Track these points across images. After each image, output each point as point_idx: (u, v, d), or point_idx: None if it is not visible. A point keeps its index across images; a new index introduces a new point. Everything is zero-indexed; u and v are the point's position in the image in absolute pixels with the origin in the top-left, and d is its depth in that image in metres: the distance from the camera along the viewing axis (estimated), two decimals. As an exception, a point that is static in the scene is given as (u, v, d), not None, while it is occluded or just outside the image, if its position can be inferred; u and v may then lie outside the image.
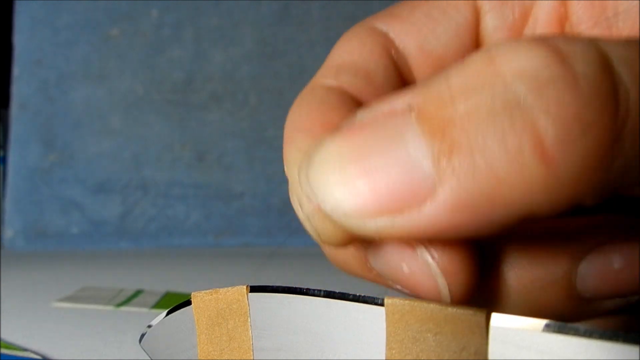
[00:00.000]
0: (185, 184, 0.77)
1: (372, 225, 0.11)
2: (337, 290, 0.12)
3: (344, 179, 0.12)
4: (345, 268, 0.15)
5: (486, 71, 0.11)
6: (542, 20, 0.17)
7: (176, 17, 0.78)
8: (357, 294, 0.11)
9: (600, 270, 0.15)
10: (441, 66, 0.18)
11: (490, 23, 0.18)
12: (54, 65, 0.76)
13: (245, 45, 0.79)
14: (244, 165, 0.78)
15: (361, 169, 0.11)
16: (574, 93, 0.11)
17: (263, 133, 0.79)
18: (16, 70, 0.76)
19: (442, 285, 0.12)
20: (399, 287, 0.13)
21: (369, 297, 0.11)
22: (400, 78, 0.18)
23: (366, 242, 0.13)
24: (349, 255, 0.15)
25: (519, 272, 0.15)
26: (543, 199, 0.11)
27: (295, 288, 0.12)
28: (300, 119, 0.16)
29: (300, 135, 0.15)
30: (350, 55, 0.17)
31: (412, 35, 0.17)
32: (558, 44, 0.11)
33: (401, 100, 0.12)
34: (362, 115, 0.12)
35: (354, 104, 0.16)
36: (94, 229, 0.75)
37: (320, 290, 0.12)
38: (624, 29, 0.16)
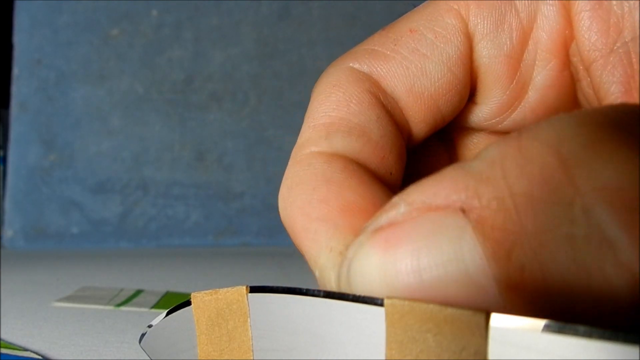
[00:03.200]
0: (185, 184, 0.77)
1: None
2: (336, 291, 0.12)
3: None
4: None
5: (558, 179, 0.09)
6: (544, 44, 0.16)
7: (176, 17, 0.78)
8: (357, 294, 0.11)
9: None
10: (436, 107, 0.16)
11: (485, 52, 0.16)
12: (54, 65, 0.76)
13: (245, 45, 0.79)
14: (244, 165, 0.78)
15: (414, 283, 0.10)
16: None
17: (263, 133, 0.79)
18: (16, 70, 0.76)
19: None
20: None
21: (368, 297, 0.11)
22: (395, 126, 0.16)
23: None
24: None
25: None
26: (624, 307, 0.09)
27: (295, 288, 0.12)
28: (312, 206, 0.14)
29: (322, 227, 0.13)
30: (338, 110, 0.15)
31: (400, 76, 0.16)
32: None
33: (451, 197, 0.10)
34: (405, 208, 0.11)
35: (360, 170, 0.14)
36: (94, 229, 0.75)
37: (320, 291, 0.12)
38: None
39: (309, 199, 0.14)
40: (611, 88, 0.14)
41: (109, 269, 0.53)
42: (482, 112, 0.17)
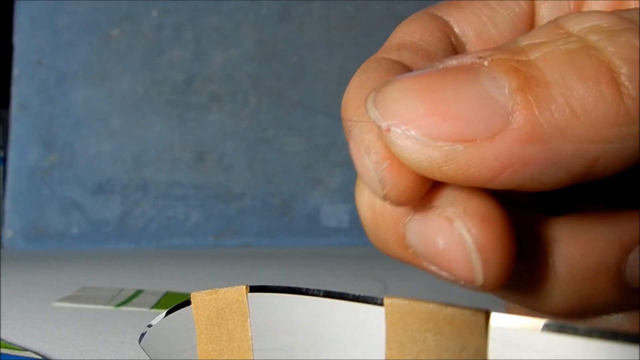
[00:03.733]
0: (185, 184, 0.77)
1: (441, 152, 0.12)
2: (336, 290, 0.12)
3: (416, 107, 0.12)
4: (384, 247, 0.15)
5: (557, 32, 0.12)
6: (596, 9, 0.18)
7: (176, 17, 0.78)
8: (357, 294, 0.11)
9: None
10: None
11: (547, 14, 0.18)
12: (54, 66, 0.76)
13: (246, 45, 0.79)
14: (244, 165, 0.78)
15: (433, 99, 0.12)
16: None
17: (263, 133, 0.79)
18: (16, 71, 0.76)
19: (476, 263, 0.12)
20: (434, 268, 0.13)
21: (368, 297, 0.11)
22: None
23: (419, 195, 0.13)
24: (388, 233, 0.15)
25: (569, 261, 0.15)
26: (614, 133, 0.11)
27: (295, 288, 0.12)
28: (368, 80, 0.15)
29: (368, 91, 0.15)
30: (411, 36, 0.17)
31: (471, 22, 0.18)
32: (620, 14, 0.12)
33: (469, 56, 0.12)
34: (431, 66, 0.13)
35: None
36: (94, 229, 0.75)
37: (319, 290, 0.12)
38: None
39: (368, 77, 0.15)
40: None
41: (109, 269, 0.53)
42: None
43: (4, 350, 0.24)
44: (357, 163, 0.14)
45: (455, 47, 0.18)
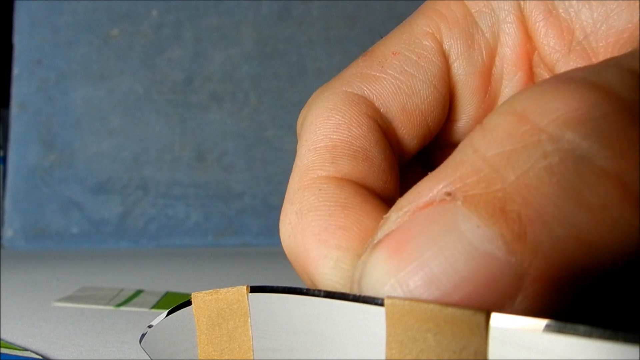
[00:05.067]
0: (185, 184, 0.77)
1: None
2: (336, 291, 0.12)
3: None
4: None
5: (521, 131, 0.10)
6: (509, 59, 0.17)
7: (176, 17, 0.78)
8: (357, 294, 0.11)
9: None
10: (425, 123, 0.17)
11: (461, 69, 0.17)
12: (54, 65, 0.76)
13: (245, 45, 0.79)
14: (244, 165, 0.78)
15: (424, 283, 0.10)
16: (637, 123, 0.09)
17: (263, 133, 0.79)
18: (16, 70, 0.76)
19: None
20: None
21: (368, 297, 0.11)
22: (390, 147, 0.16)
23: None
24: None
25: None
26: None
27: (295, 288, 0.12)
28: (330, 233, 0.13)
29: (345, 256, 0.13)
30: (339, 133, 0.15)
31: (392, 95, 0.16)
32: (586, 78, 0.10)
33: (434, 189, 0.10)
34: (396, 215, 0.11)
35: (370, 195, 0.14)
36: (94, 229, 0.75)
37: (320, 291, 0.12)
38: (599, 47, 0.15)
39: (326, 226, 0.13)
40: None
41: (109, 269, 0.53)
42: (459, 127, 0.18)
43: (4, 350, 0.24)
44: None
45: (384, 130, 0.16)
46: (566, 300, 0.10)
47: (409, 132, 0.17)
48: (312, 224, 0.14)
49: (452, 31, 0.17)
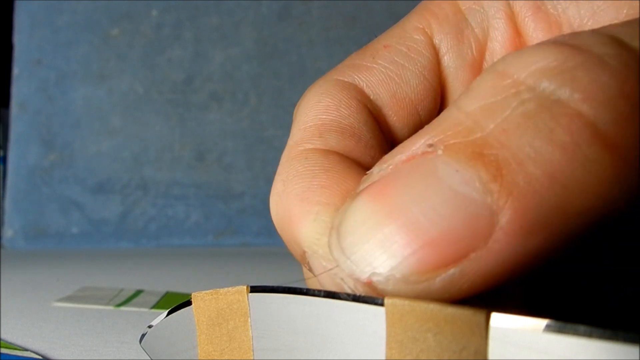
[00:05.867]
0: (185, 184, 0.77)
1: (438, 283, 0.10)
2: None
3: (389, 243, 0.10)
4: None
5: (502, 85, 0.10)
6: (499, 53, 0.17)
7: (176, 17, 0.78)
8: (357, 294, 0.11)
9: None
10: (415, 111, 0.17)
11: (451, 63, 0.17)
12: (54, 65, 0.76)
13: (245, 45, 0.79)
14: (244, 165, 0.78)
15: (404, 225, 0.10)
16: (608, 72, 0.10)
17: (263, 133, 0.79)
18: (16, 70, 0.76)
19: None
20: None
21: (369, 297, 0.11)
22: (380, 130, 0.17)
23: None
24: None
25: None
26: (617, 190, 0.10)
27: (296, 288, 0.12)
28: (312, 191, 0.14)
29: (325, 210, 0.13)
30: (327, 113, 0.16)
31: (383, 83, 0.17)
32: (565, 41, 0.11)
33: (417, 143, 0.11)
34: (379, 169, 0.11)
35: (355, 164, 0.15)
36: (94, 229, 0.75)
37: (320, 291, 0.12)
38: None
39: (309, 186, 0.14)
40: None
41: (109, 269, 0.53)
42: None
43: (4, 350, 0.24)
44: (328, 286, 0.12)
45: (373, 114, 0.17)
46: (544, 249, 0.10)
47: (400, 119, 0.17)
48: (296, 187, 0.14)
49: (442, 26, 0.17)
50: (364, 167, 0.15)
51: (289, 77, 0.79)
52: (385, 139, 0.17)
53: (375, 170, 0.11)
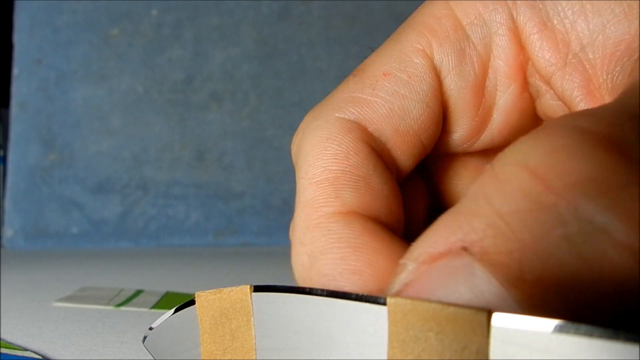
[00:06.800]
0: (185, 183, 0.77)
1: None
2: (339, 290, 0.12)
3: None
4: None
5: (536, 190, 0.10)
6: (502, 71, 0.17)
7: (176, 17, 0.78)
8: (360, 293, 0.11)
9: None
10: (419, 142, 0.17)
11: (453, 84, 0.17)
12: (54, 65, 0.76)
13: (245, 44, 0.79)
14: (244, 165, 0.78)
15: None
16: None
17: (263, 133, 0.79)
18: (16, 70, 0.76)
19: None
20: None
21: (371, 296, 0.11)
22: (388, 170, 0.16)
23: None
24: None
25: None
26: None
27: (298, 288, 0.12)
28: (345, 278, 0.14)
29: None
30: (338, 163, 0.15)
31: (385, 118, 0.16)
32: (601, 132, 0.10)
33: (448, 240, 0.11)
34: (412, 266, 0.11)
35: (377, 228, 0.15)
36: (94, 229, 0.75)
37: (323, 290, 0.12)
38: (596, 59, 0.15)
39: (340, 270, 0.14)
40: (574, 93, 0.16)
41: (109, 269, 0.53)
42: (454, 139, 0.18)
43: (4, 350, 0.24)
44: None
45: (379, 154, 0.16)
46: None
47: (404, 152, 0.17)
48: (326, 269, 0.14)
49: (443, 46, 0.16)
50: (382, 221, 0.15)
51: (289, 77, 0.79)
52: (392, 173, 0.17)
53: (408, 265, 0.11)
